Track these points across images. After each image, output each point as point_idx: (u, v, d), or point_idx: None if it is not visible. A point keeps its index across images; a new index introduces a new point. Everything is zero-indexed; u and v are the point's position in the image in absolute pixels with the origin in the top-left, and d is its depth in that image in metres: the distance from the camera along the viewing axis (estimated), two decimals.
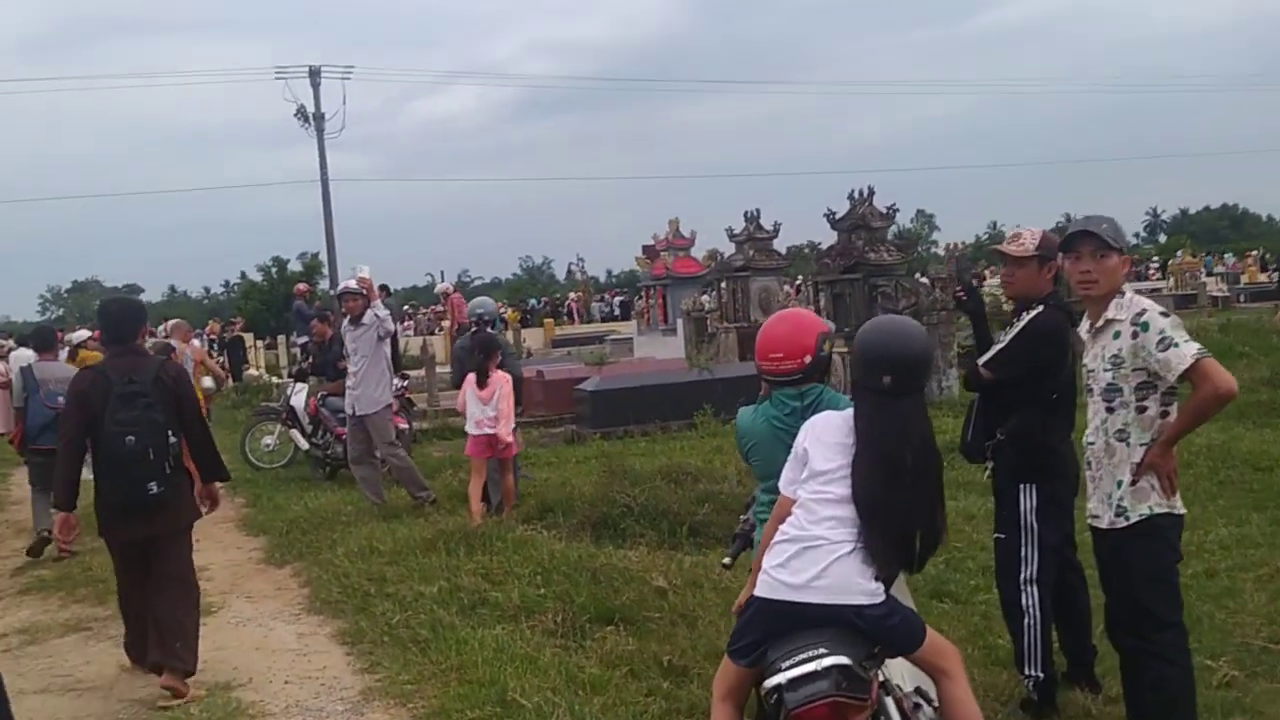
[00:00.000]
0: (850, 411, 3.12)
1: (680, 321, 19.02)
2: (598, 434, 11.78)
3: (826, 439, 3.08)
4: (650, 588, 5.77)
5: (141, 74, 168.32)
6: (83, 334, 12.21)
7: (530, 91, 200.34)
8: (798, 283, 21.80)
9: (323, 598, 6.40)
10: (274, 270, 29.36)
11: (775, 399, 3.53)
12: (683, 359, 16.56)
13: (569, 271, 66.56)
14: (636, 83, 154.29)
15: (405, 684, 4.89)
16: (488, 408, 7.86)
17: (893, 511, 2.96)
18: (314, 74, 30.48)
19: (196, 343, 13.61)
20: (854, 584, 2.89)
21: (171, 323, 13.09)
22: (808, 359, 3.43)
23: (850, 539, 2.93)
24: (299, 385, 11.60)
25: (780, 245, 18.56)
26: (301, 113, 30.77)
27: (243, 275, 30.66)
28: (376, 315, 8.66)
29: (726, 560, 3.84)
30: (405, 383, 11.84)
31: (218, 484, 5.58)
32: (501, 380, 7.94)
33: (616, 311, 38.17)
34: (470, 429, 7.97)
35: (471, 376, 7.98)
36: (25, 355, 18.04)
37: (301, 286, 20.30)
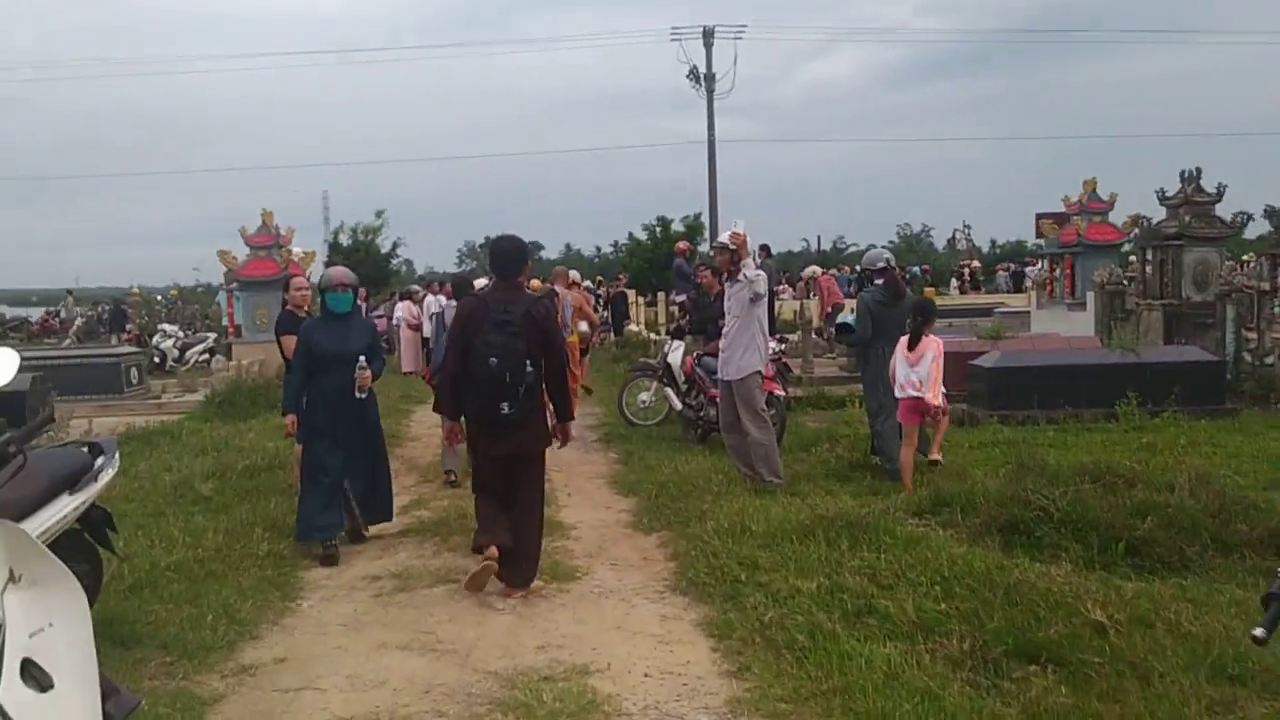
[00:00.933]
0: None
1: (1091, 295, 16.76)
2: (994, 417, 10.38)
3: None
4: (1084, 620, 4.59)
5: (548, 39, 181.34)
6: (482, 282, 13.15)
7: (916, 51, 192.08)
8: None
9: (689, 577, 5.81)
10: (658, 229, 30.03)
11: None
12: (1093, 337, 14.51)
13: (951, 239, 62.85)
14: (1040, 35, 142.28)
15: (779, 700, 4.14)
16: (917, 370, 7.70)
17: None
18: (708, 34, 30.74)
19: (576, 291, 13.81)
20: None
21: (556, 270, 13.45)
22: None
23: None
24: (676, 343, 11.28)
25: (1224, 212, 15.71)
26: (693, 73, 31.15)
27: (630, 235, 31.59)
28: (746, 275, 7.97)
29: (1258, 632, 2.64)
30: (782, 347, 11.16)
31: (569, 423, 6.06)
32: (932, 344, 7.76)
33: (1005, 285, 35.30)
34: (897, 392, 7.88)
35: (903, 340, 7.84)
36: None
37: (682, 245, 20.34)
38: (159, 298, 31.31)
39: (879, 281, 8.66)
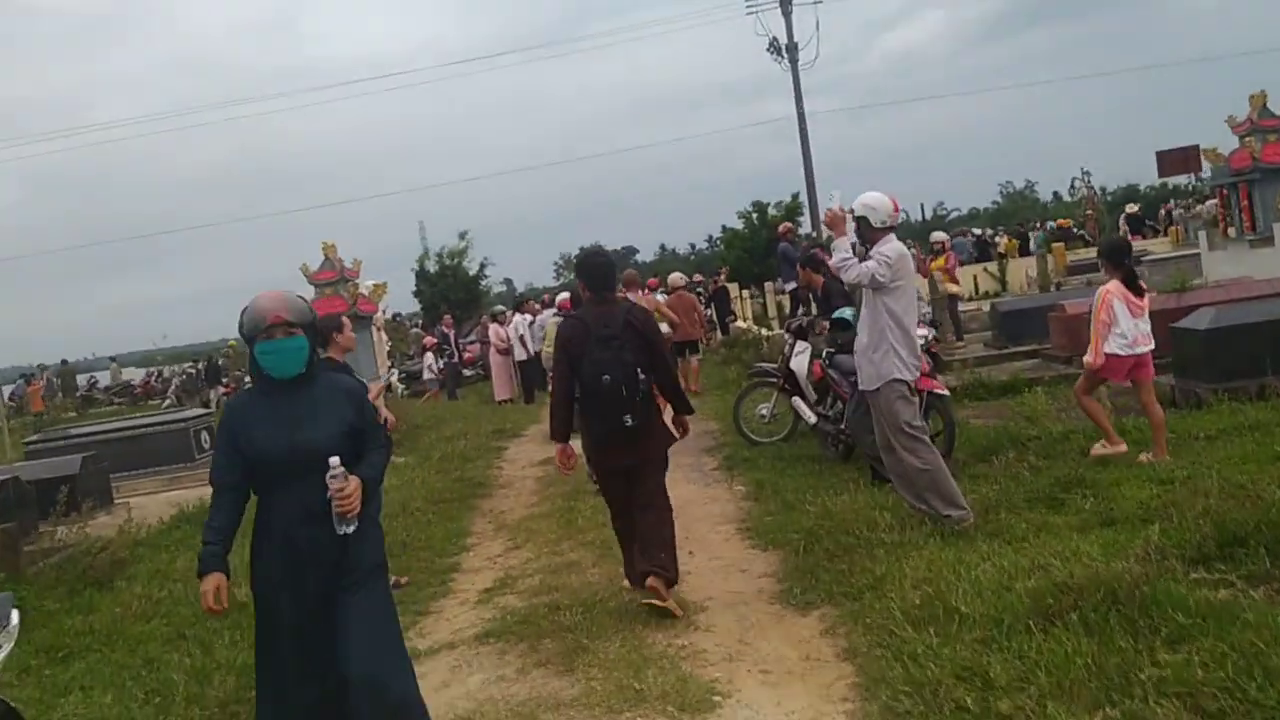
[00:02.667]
0: None
1: (1279, 227, 14.15)
2: (1221, 392, 8.10)
3: None
4: None
5: (615, 31, 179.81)
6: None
7: (1002, 5, 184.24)
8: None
9: (884, 700, 3.90)
10: (754, 215, 27.96)
11: None
12: None
13: (1072, 186, 58.41)
14: None
15: None
16: (1142, 321, 6.98)
17: None
18: (785, 2, 28.59)
19: (645, 295, 12.22)
20: None
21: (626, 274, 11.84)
22: None
23: None
24: (800, 345, 9.34)
25: None
26: (774, 46, 29.09)
27: (724, 228, 29.60)
28: (852, 257, 6.13)
29: None
30: (933, 333, 9.10)
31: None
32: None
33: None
34: (1122, 349, 7.00)
35: (1119, 288, 6.99)
36: (524, 321, 17.93)
37: (784, 226, 18.28)
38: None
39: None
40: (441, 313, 27.81)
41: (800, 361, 9.15)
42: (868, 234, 6.27)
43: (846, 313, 8.16)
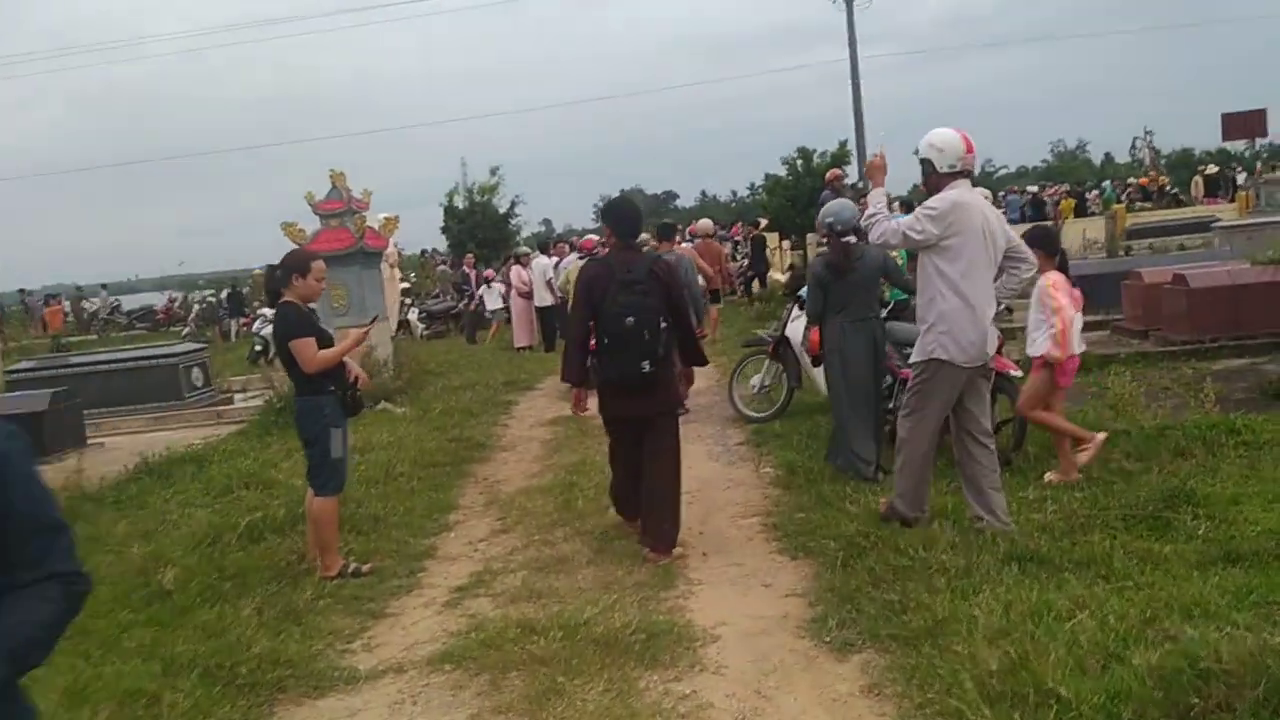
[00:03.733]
0: None
1: None
2: None
3: None
4: None
5: None
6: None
7: None
8: None
9: None
10: (799, 162, 26.33)
11: None
12: None
13: (1133, 146, 55.76)
14: None
15: None
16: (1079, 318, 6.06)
17: None
18: None
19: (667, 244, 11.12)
20: None
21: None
22: None
23: None
24: (798, 312, 8.20)
25: None
26: None
27: (766, 176, 28.03)
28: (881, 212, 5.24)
29: None
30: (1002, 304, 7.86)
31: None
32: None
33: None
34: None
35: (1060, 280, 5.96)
36: (544, 264, 16.83)
37: (834, 172, 16.75)
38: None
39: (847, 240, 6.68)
40: (467, 251, 26.56)
41: (796, 328, 8.02)
42: (934, 180, 5.13)
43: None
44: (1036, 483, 5.82)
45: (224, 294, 30.73)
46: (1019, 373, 6.43)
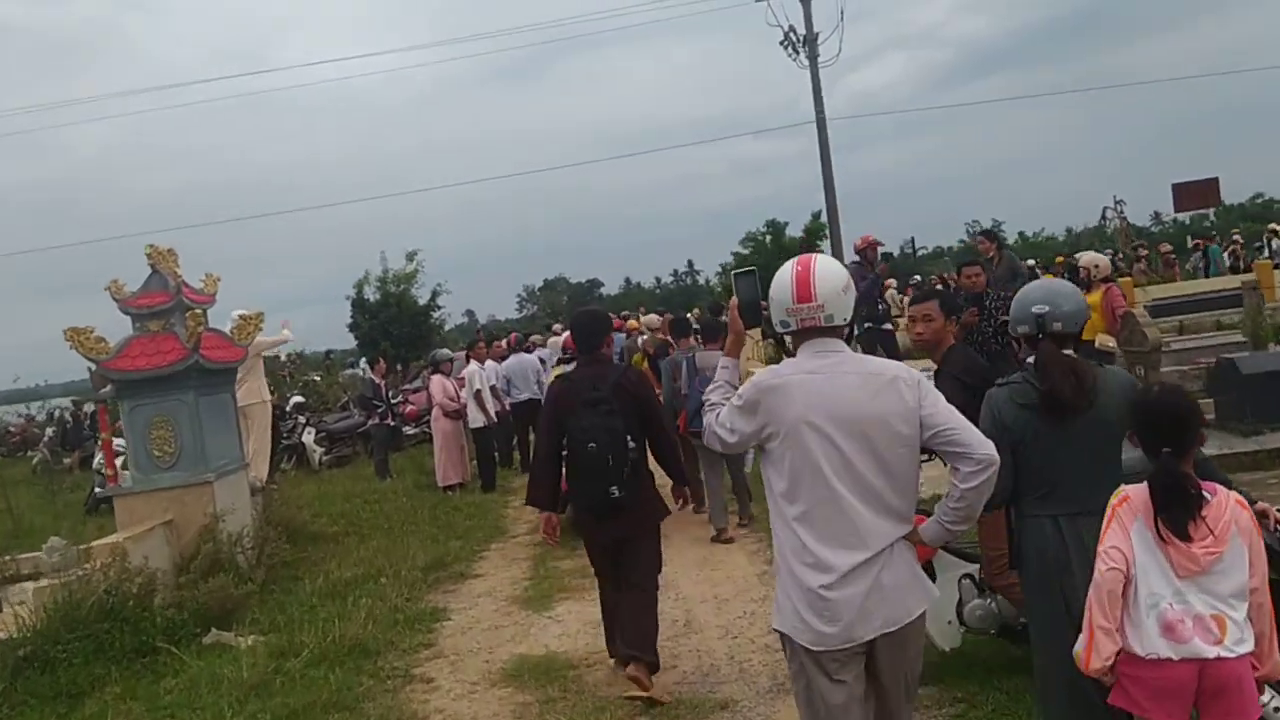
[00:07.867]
0: None
1: None
2: None
3: None
4: None
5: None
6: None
7: (962, 54, 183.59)
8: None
9: None
10: (767, 237, 22.63)
11: None
12: None
13: (1103, 217, 52.55)
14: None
15: None
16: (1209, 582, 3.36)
17: None
18: None
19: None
20: None
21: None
22: None
23: None
24: None
25: None
26: (790, 39, 24.02)
27: (733, 255, 24.24)
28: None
29: None
30: None
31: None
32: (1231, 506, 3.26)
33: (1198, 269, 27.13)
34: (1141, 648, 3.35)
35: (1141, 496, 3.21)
36: (481, 371, 12.46)
37: (865, 237, 12.35)
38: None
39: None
40: (377, 353, 21.72)
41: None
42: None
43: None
44: None
45: (87, 409, 25.60)
46: None
